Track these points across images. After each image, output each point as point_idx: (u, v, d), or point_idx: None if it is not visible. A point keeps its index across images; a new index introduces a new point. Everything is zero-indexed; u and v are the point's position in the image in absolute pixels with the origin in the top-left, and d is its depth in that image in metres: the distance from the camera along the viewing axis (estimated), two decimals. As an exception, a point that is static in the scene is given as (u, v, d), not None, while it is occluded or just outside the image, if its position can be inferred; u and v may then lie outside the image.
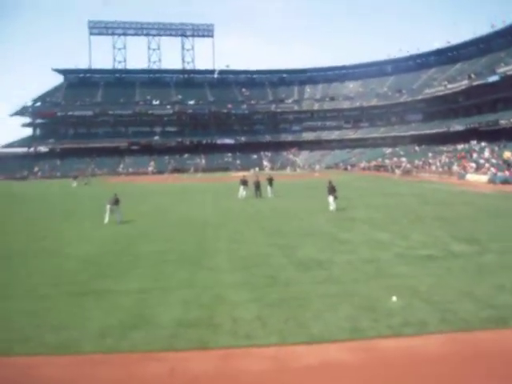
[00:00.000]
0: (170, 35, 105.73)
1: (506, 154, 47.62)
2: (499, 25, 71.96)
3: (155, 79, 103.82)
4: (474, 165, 50.07)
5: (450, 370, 6.25)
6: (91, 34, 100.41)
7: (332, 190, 22.43)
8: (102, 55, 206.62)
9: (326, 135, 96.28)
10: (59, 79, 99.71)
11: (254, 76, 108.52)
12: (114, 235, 17.47)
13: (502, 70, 61.12)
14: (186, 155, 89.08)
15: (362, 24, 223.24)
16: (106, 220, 19.96)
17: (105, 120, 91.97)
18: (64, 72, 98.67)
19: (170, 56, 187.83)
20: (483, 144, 58.35)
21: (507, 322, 7.73)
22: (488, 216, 20.27)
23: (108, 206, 20.13)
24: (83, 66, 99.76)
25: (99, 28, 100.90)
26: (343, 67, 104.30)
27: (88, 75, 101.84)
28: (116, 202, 20.30)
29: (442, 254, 12.82)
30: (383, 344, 7.05)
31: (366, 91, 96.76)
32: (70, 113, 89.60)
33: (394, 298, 8.83)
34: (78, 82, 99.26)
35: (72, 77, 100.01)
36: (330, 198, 22.36)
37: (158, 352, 6.95)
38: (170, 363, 6.63)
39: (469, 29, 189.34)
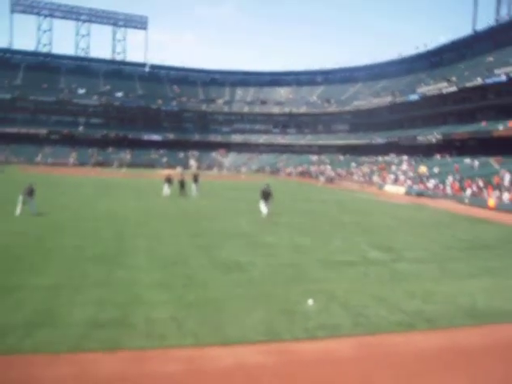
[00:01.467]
0: (102, 23, 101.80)
1: (422, 169, 50.58)
2: (422, 48, 76.87)
3: (82, 67, 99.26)
4: (392, 176, 52.66)
5: (359, 372, 6.43)
6: (13, 11, 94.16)
7: (267, 194, 21.11)
8: (24, 35, 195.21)
9: (254, 138, 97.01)
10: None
11: (187, 74, 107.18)
12: (25, 228, 16.37)
13: (421, 90, 64.95)
14: (111, 149, 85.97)
15: (296, 33, 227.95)
16: (18, 211, 18.66)
17: (24, 105, 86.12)
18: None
19: (99, 45, 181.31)
20: (402, 157, 61.61)
21: (414, 326, 8.12)
22: (403, 226, 21.35)
23: (21, 197, 18.86)
24: (2, 44, 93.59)
25: (23, 6, 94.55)
26: (275, 73, 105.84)
27: (7, 55, 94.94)
28: (31, 192, 19.08)
29: (360, 260, 13.29)
30: (298, 346, 7.13)
31: (297, 98, 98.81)
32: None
33: (311, 302, 8.96)
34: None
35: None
36: (263, 203, 21.17)
37: (66, 353, 6.54)
38: (78, 365, 6.26)
39: (396, 48, 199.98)
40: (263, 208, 21.12)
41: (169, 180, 30.08)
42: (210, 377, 6.12)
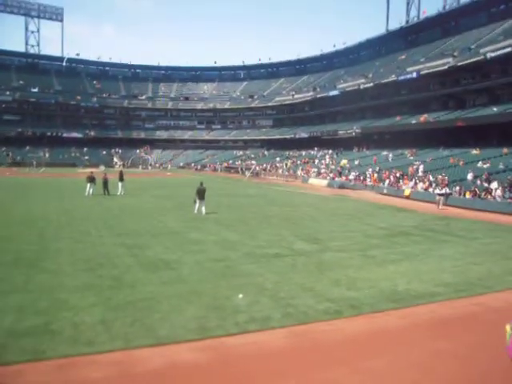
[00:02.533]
0: (12, 12, 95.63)
1: (343, 162, 52.50)
2: (340, 45, 79.74)
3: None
4: (315, 170, 54.18)
5: (290, 362, 6.59)
6: None
7: (202, 192, 20.99)
8: None
9: (179, 135, 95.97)
10: None
11: (107, 68, 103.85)
12: None
13: (341, 85, 67.33)
14: (28, 147, 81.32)
15: (218, 28, 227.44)
16: None
17: None
18: None
19: (10, 36, 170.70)
20: (324, 151, 63.56)
21: (340, 313, 8.45)
22: (328, 217, 22.07)
23: None
24: None
25: None
26: (198, 68, 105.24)
27: None
28: None
29: (287, 252, 13.59)
30: (230, 341, 7.17)
31: (220, 94, 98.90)
32: None
33: (241, 296, 9.06)
34: None
35: None
36: (198, 202, 21.06)
37: (-17, 366, 6.14)
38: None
39: (318, 45, 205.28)
40: (197, 206, 21.12)
41: (91, 179, 29.02)
42: (141, 379, 6.01)
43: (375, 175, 41.81)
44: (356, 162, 50.89)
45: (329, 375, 6.28)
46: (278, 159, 69.42)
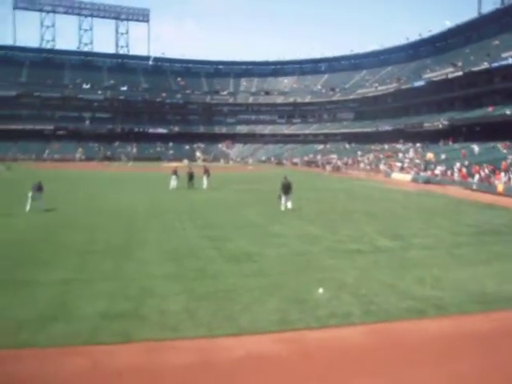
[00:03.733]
0: (104, 17, 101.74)
1: (429, 155, 50.31)
2: (426, 33, 76.07)
3: (86, 62, 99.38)
4: (399, 164, 52.43)
5: (371, 359, 6.46)
6: (16, 7, 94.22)
7: (287, 187, 20.37)
8: (28, 32, 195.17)
9: (259, 129, 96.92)
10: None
11: (190, 65, 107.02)
12: (36, 223, 16.54)
13: (427, 75, 64.44)
14: (117, 143, 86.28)
15: (300, 20, 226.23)
16: (28, 207, 18.82)
17: (30, 102, 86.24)
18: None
19: (103, 39, 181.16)
20: (408, 144, 61.28)
21: (424, 313, 8.14)
22: (412, 213, 21.31)
23: (30, 194, 19.01)
24: (6, 42, 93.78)
25: (25, 2, 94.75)
26: (278, 62, 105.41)
27: (11, 53, 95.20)
28: (39, 188, 19.21)
29: (369, 248, 13.31)
30: (310, 335, 7.17)
31: (300, 87, 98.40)
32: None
33: (321, 290, 9.01)
34: (0, 59, 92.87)
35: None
36: (283, 197, 20.36)
37: (79, 346, 6.63)
38: (92, 357, 6.33)
39: (401, 34, 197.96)
40: (284, 202, 20.41)
41: (175, 173, 30.17)
42: (222, 367, 6.17)
43: (464, 170, 39.69)
44: (443, 156, 48.54)
45: (411, 375, 6.08)
46: (359, 153, 67.93)
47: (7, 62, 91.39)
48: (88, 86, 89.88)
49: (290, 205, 20.32)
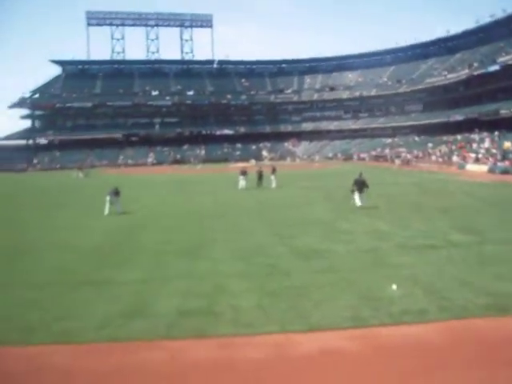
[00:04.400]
0: (169, 26, 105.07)
1: (506, 144, 47.55)
2: (499, 14, 71.79)
3: (154, 70, 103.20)
4: (473, 155, 50.01)
5: (449, 357, 6.28)
6: (89, 24, 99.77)
7: (362, 184, 19.46)
8: (100, 46, 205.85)
9: (325, 125, 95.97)
10: (57, 71, 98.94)
11: (253, 66, 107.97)
12: (114, 226, 17.49)
13: (502, 59, 60.83)
14: (186, 146, 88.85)
15: (361, 13, 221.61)
16: (107, 211, 19.95)
17: (104, 111, 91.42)
18: (62, 63, 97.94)
19: (168, 46, 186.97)
20: (483, 134, 58.21)
21: (506, 310, 7.77)
22: (488, 206, 20.29)
23: (108, 198, 20.12)
24: (81, 57, 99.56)
25: (97, 19, 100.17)
26: (342, 57, 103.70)
27: (86, 66, 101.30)
28: (116, 193, 20.28)
29: (442, 243, 12.85)
30: (384, 332, 7.09)
31: (366, 81, 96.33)
32: (69, 104, 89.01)
33: (394, 287, 8.86)
34: (77, 73, 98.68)
35: (70, 68, 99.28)
36: (357, 194, 19.42)
37: (158, 340, 6.99)
38: (170, 351, 6.66)
39: (470, 18, 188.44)
40: (357, 200, 19.42)
41: (244, 173, 30.66)
42: (298, 362, 6.26)
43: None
44: (522, 144, 45.78)
45: (489, 375, 5.83)
46: (430, 145, 65.42)
47: (83, 75, 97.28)
48: (156, 93, 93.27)
49: (361, 202, 19.29)
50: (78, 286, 9.72)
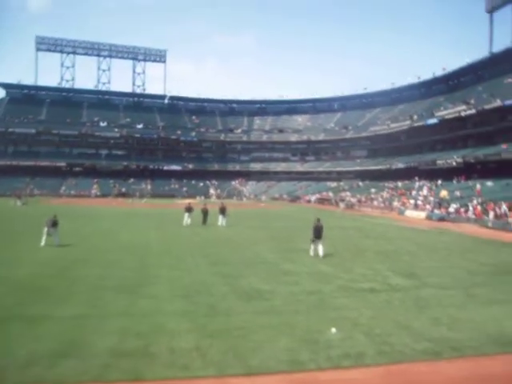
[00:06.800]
0: (122, 58, 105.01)
1: (443, 193, 49.97)
2: (439, 72, 76.98)
3: (104, 101, 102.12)
4: (413, 201, 52.10)
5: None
6: (38, 49, 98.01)
7: (319, 229, 18.28)
8: (48, 72, 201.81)
9: (273, 167, 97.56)
10: (1, 94, 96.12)
11: (205, 104, 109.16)
12: (50, 258, 16.63)
13: (440, 113, 64.81)
14: (132, 180, 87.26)
15: (314, 60, 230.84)
16: (43, 243, 19.03)
17: (48, 139, 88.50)
18: (6, 86, 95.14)
19: (119, 78, 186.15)
20: (422, 182, 61.00)
21: (441, 354, 7.96)
22: (426, 251, 21.03)
23: (45, 229, 19.24)
24: (28, 82, 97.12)
25: (47, 44, 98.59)
26: (292, 101, 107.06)
27: (33, 92, 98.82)
28: (54, 224, 19.43)
29: (383, 287, 13.12)
30: (321, 376, 7.03)
31: (314, 125, 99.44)
32: (11, 129, 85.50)
33: (334, 330, 8.86)
34: (22, 98, 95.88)
35: (15, 92, 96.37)
36: (315, 242, 18.30)
37: (89, 382, 6.59)
38: (101, 396, 6.28)
39: (414, 72, 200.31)
40: (312, 250, 18.46)
41: (189, 209, 30.30)
42: (234, 407, 6.08)
43: (479, 207, 39.30)
44: (457, 194, 48.21)
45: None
46: (373, 190, 67.74)
47: (28, 100, 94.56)
48: (105, 124, 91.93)
49: (321, 251, 18.06)
50: (4, 322, 9.09)
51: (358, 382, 6.94)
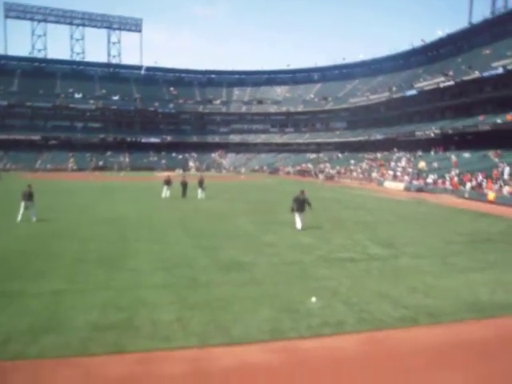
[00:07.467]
0: (95, 26, 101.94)
1: (421, 164, 50.62)
2: (418, 43, 76.84)
3: (78, 71, 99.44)
4: (391, 172, 52.69)
5: (365, 368, 6.44)
6: (7, 16, 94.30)
7: (303, 203, 17.98)
8: (19, 42, 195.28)
9: (252, 138, 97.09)
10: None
11: (183, 75, 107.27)
12: (27, 234, 16.37)
13: (419, 85, 64.98)
14: (109, 153, 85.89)
15: (291, 30, 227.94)
16: (19, 218, 18.66)
17: (21, 112, 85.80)
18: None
19: (94, 49, 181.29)
20: (401, 153, 61.61)
21: (418, 321, 8.16)
22: (404, 222, 21.39)
23: (22, 203, 18.84)
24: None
25: (16, 11, 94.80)
26: (271, 71, 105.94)
27: (2, 62, 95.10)
28: (30, 196, 18.96)
29: (362, 256, 13.33)
30: (302, 345, 7.13)
31: (293, 97, 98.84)
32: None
33: (314, 299, 8.99)
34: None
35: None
36: (298, 214, 17.93)
37: (71, 357, 6.56)
38: (84, 368, 6.27)
39: (392, 44, 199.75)
40: (298, 221, 18.04)
41: (168, 182, 30.10)
42: (215, 377, 6.14)
43: (456, 178, 39.95)
44: (435, 165, 48.88)
45: (405, 384, 6.07)
46: (352, 162, 68.22)
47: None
48: (80, 96, 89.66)
49: (299, 224, 17.88)
50: (-18, 298, 8.96)
51: (338, 349, 7.07)
